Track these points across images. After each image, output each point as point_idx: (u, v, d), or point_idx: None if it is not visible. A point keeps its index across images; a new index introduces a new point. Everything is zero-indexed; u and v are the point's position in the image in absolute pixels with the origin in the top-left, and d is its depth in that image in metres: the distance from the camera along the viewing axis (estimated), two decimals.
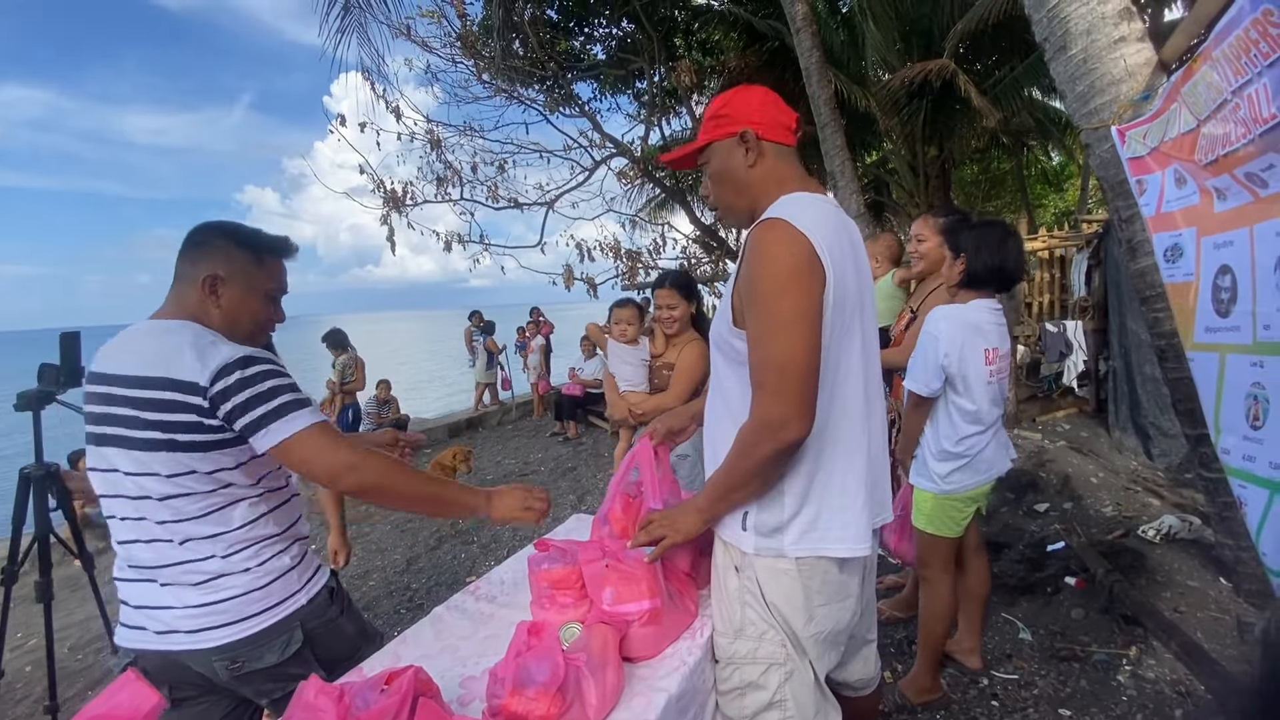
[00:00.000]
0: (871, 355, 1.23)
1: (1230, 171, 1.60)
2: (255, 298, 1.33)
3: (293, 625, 1.31)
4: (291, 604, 1.31)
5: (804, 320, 1.05)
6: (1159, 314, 2.53)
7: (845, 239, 1.16)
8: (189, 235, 1.31)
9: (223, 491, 1.23)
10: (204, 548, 1.23)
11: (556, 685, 1.00)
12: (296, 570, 1.35)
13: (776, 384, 1.06)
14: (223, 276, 1.27)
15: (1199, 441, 2.52)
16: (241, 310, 1.31)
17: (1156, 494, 3.73)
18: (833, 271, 1.08)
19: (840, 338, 1.13)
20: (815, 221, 1.10)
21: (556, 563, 1.31)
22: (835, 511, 1.15)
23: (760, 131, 1.21)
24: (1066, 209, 16.37)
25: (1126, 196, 2.41)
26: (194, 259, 1.28)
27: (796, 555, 1.15)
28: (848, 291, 1.12)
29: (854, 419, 1.16)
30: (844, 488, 1.16)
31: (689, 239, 11.11)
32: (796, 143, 1.28)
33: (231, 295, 1.29)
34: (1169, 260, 2.08)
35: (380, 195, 8.66)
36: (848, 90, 8.18)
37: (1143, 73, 2.34)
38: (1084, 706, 2.11)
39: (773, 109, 1.25)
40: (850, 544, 1.16)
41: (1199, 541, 3.03)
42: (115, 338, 1.26)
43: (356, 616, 1.50)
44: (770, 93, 1.28)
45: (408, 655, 1.31)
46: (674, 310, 2.43)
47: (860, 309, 1.18)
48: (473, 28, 8.66)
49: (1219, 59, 1.56)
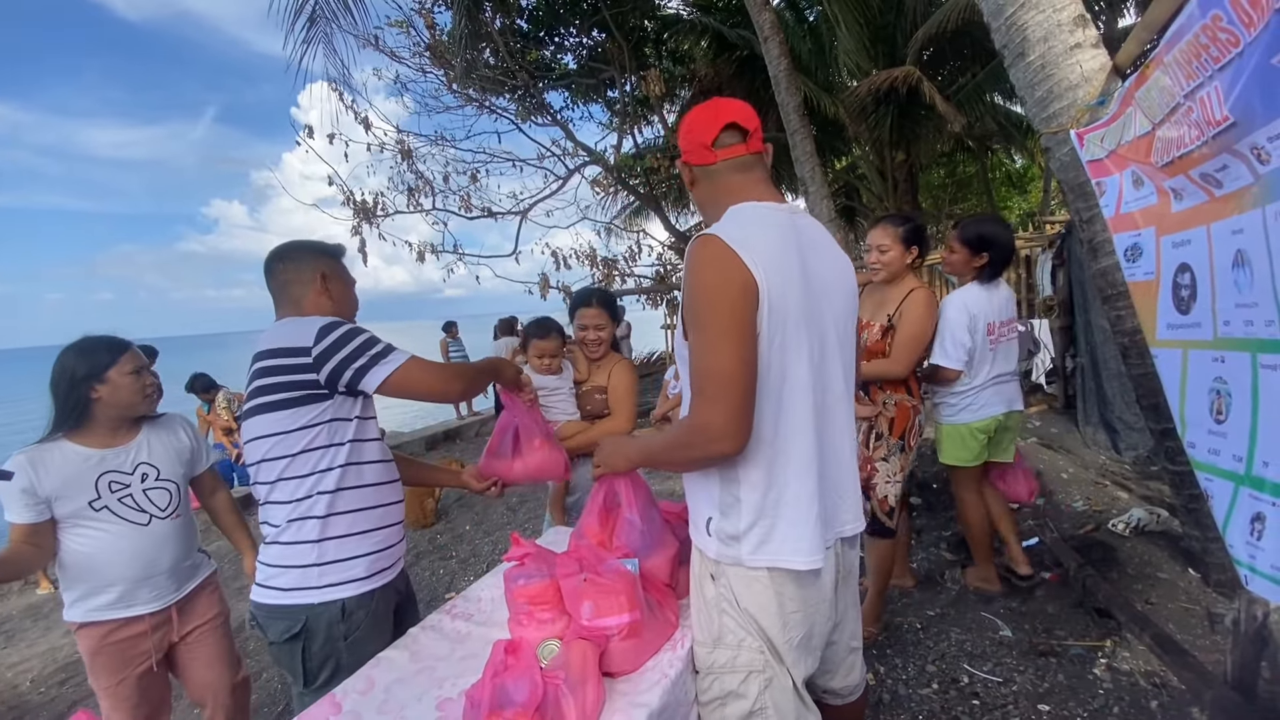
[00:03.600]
0: (829, 365, 1.20)
1: (1186, 173, 1.64)
2: (349, 289, 1.64)
3: (297, 615, 1.42)
4: (301, 596, 1.42)
5: (732, 336, 1.06)
6: (1121, 312, 2.59)
7: (794, 248, 1.14)
8: (274, 255, 1.57)
9: None
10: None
11: (535, 705, 0.97)
12: (317, 569, 1.43)
13: (713, 396, 1.07)
14: (328, 274, 1.56)
15: (1165, 435, 2.58)
16: (345, 299, 1.61)
17: (1125, 487, 3.81)
18: (768, 285, 1.07)
19: (784, 350, 1.11)
20: (752, 235, 1.10)
21: (533, 578, 1.29)
22: (789, 524, 1.14)
23: (688, 159, 1.28)
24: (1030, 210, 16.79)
25: (1087, 198, 2.47)
26: (295, 268, 1.54)
27: (751, 565, 1.15)
28: (790, 303, 1.10)
29: (804, 432, 1.14)
30: (797, 501, 1.14)
31: (664, 246, 11.15)
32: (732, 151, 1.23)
33: (335, 287, 1.58)
34: (1129, 259, 2.12)
35: (350, 207, 8.54)
36: (816, 97, 8.31)
37: (1098, 78, 2.40)
38: (1062, 701, 2.14)
39: (693, 132, 1.24)
40: (805, 556, 1.13)
41: (1167, 533, 3.10)
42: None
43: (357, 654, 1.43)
44: (695, 113, 1.26)
45: (382, 679, 1.27)
46: (601, 331, 2.32)
47: (809, 319, 1.14)
48: (442, 38, 8.61)
49: (1171, 64, 1.60)
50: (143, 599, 1.80)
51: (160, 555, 1.82)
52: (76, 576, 1.74)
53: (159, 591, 1.83)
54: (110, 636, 1.77)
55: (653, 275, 10.92)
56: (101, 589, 1.74)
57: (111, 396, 1.74)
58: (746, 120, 1.24)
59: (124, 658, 1.79)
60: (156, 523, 1.81)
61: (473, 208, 9.39)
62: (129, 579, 1.76)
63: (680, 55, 9.69)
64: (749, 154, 1.24)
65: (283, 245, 1.59)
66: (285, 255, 1.56)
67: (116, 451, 1.78)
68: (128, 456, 1.79)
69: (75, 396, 1.71)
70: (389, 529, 1.55)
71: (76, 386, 1.71)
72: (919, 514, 3.74)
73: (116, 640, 1.78)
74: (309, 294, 1.53)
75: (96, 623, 1.76)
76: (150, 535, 1.80)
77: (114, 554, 1.74)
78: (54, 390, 1.72)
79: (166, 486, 1.85)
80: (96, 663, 1.77)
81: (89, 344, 1.75)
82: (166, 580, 1.84)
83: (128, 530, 1.76)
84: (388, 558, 1.54)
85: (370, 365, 1.40)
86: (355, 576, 1.46)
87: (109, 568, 1.74)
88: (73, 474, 1.69)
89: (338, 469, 1.44)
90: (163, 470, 1.85)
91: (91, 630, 1.76)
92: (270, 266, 1.56)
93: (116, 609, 1.76)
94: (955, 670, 2.37)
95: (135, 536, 1.77)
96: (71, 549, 1.73)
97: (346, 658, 1.43)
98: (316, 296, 1.53)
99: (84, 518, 1.71)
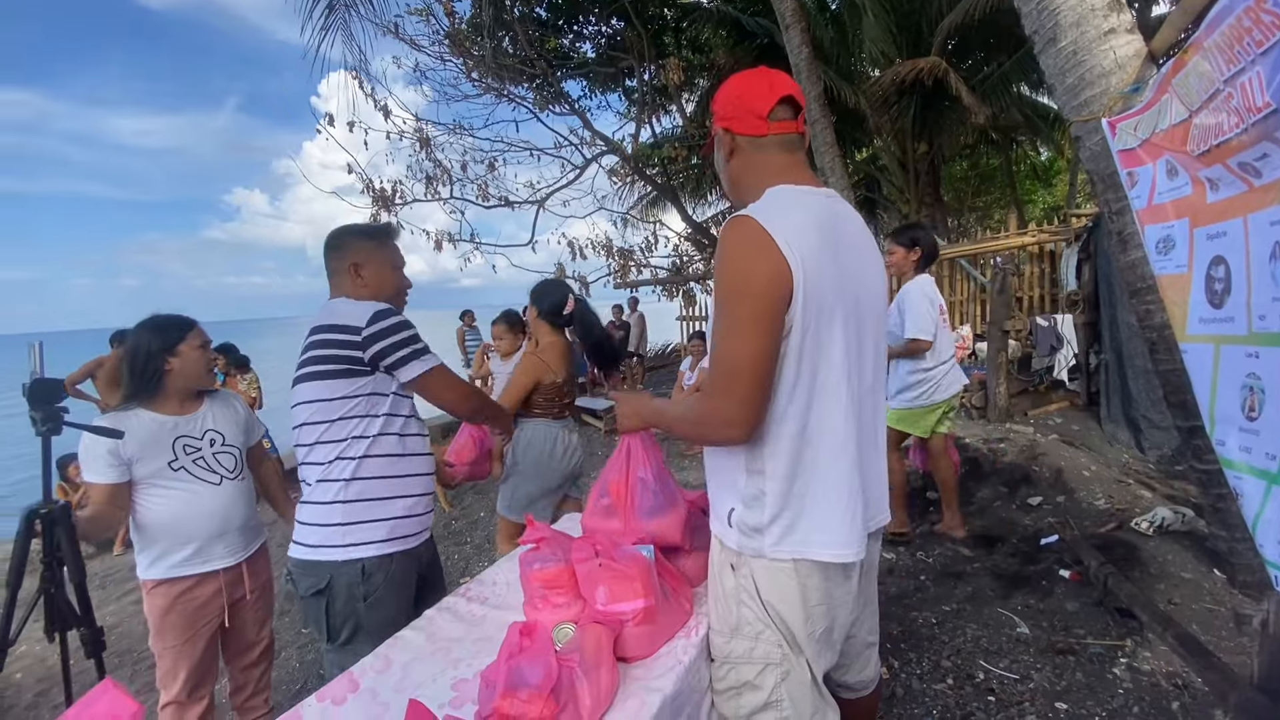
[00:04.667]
0: (864, 357, 1.16)
1: (1223, 161, 1.59)
2: (388, 270, 1.71)
3: (323, 572, 1.53)
4: (326, 553, 1.54)
5: (754, 325, 1.04)
6: (1150, 306, 2.53)
7: (830, 235, 1.10)
8: (327, 240, 1.71)
9: None
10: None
11: (550, 687, 0.97)
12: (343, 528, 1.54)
13: (726, 385, 1.06)
14: (360, 262, 1.66)
15: (1192, 434, 2.52)
16: (382, 282, 1.69)
17: (1149, 486, 3.74)
18: (803, 273, 1.03)
19: (818, 341, 1.08)
20: (791, 221, 1.06)
21: (549, 562, 1.29)
22: (816, 516, 1.11)
23: (731, 126, 1.20)
24: (1055, 204, 16.47)
25: (1117, 189, 2.41)
26: (338, 256, 1.67)
27: (775, 557, 1.13)
28: (826, 293, 1.06)
29: (837, 424, 1.11)
30: (825, 493, 1.11)
31: (681, 236, 11.08)
32: (785, 126, 1.18)
33: (369, 274, 1.67)
34: (1160, 252, 2.07)
35: (369, 195, 8.59)
36: (837, 87, 8.20)
37: (1133, 64, 2.34)
38: (1080, 700, 2.11)
39: (747, 97, 1.18)
40: (833, 549, 1.11)
41: (1192, 533, 3.04)
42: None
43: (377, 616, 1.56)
44: (743, 79, 1.21)
45: (399, 658, 1.29)
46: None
47: (845, 310, 1.10)
48: (461, 25, 8.60)
49: (1211, 48, 1.55)
50: (218, 555, 1.91)
51: (232, 513, 1.94)
52: (155, 535, 1.84)
53: (232, 548, 1.94)
54: (186, 594, 1.86)
55: (669, 266, 10.86)
56: (179, 546, 1.85)
57: (182, 368, 1.87)
58: (800, 97, 1.21)
59: (195, 615, 1.88)
60: (227, 483, 1.94)
61: (490, 197, 9.39)
62: (205, 535, 1.88)
63: (699, 44, 9.59)
64: (796, 133, 1.21)
65: (332, 234, 1.72)
66: (331, 245, 1.70)
67: (187, 419, 1.91)
68: (197, 423, 1.93)
69: (151, 368, 1.84)
70: (414, 499, 1.65)
71: (153, 359, 1.83)
72: (936, 510, 3.70)
73: (191, 597, 1.87)
74: (346, 283, 1.67)
75: (175, 579, 1.85)
76: (223, 494, 1.92)
77: (192, 511, 1.86)
78: (130, 363, 1.84)
79: (231, 451, 1.99)
80: (166, 621, 1.84)
81: (161, 321, 1.89)
82: (237, 537, 1.96)
83: (203, 489, 1.89)
84: (410, 525, 1.64)
85: (411, 359, 1.56)
86: (375, 539, 1.56)
87: (187, 525, 1.85)
88: (151, 437, 1.81)
89: (370, 438, 1.56)
90: (227, 436, 1.99)
91: (168, 587, 1.85)
92: (325, 253, 1.72)
93: (194, 564, 1.87)
94: (971, 666, 2.34)
95: (210, 495, 1.90)
96: (150, 508, 1.83)
97: (365, 618, 1.53)
98: (352, 286, 1.66)
99: (163, 478, 1.83)
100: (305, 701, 1.17)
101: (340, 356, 1.53)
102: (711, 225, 11.22)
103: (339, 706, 1.16)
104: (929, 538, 3.44)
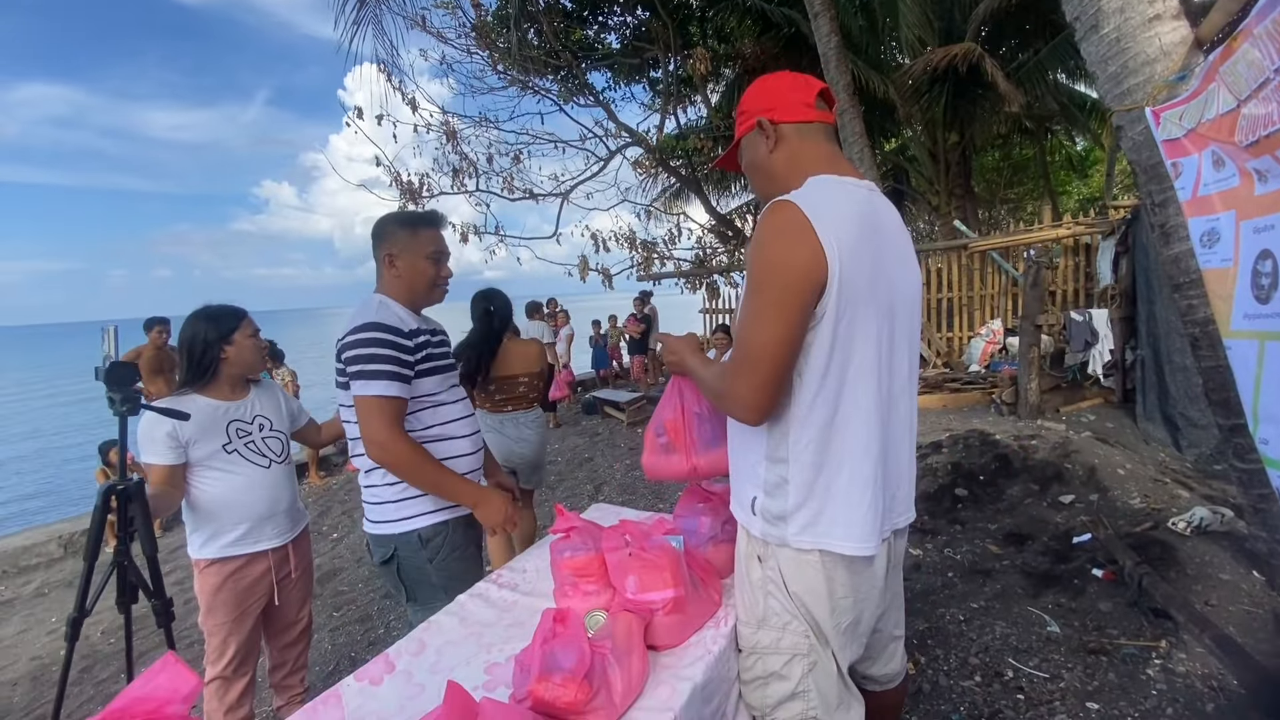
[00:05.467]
0: (897, 352, 1.16)
1: (1273, 153, 1.54)
2: (421, 260, 1.69)
3: (389, 544, 1.65)
4: (388, 527, 1.65)
5: (779, 312, 1.04)
6: (1193, 301, 2.46)
7: (870, 227, 1.10)
8: (373, 229, 1.72)
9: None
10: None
11: (583, 672, 0.99)
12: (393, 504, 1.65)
13: (744, 368, 1.08)
14: (394, 253, 1.66)
15: (1233, 432, 2.45)
16: (415, 273, 1.68)
17: (1186, 486, 3.65)
18: (840, 263, 1.02)
19: (851, 332, 1.07)
20: (833, 208, 1.06)
21: (579, 550, 1.31)
22: (840, 508, 1.11)
23: (774, 115, 1.20)
24: (1091, 196, 16.02)
25: (1160, 180, 2.34)
26: (377, 245, 1.69)
27: (799, 546, 1.13)
28: (861, 285, 1.06)
29: (866, 418, 1.10)
30: (850, 486, 1.11)
31: (704, 229, 11.03)
32: (828, 117, 1.23)
33: (404, 263, 1.67)
34: (1205, 245, 2.01)
35: (396, 187, 8.70)
36: (866, 76, 8.07)
37: (1178, 51, 2.26)
38: (1112, 700, 2.08)
39: (787, 90, 1.21)
40: (855, 542, 1.11)
41: (1231, 534, 2.96)
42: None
43: (445, 573, 1.67)
44: (785, 75, 1.25)
45: (433, 641, 1.32)
46: None
47: (879, 303, 1.10)
48: (487, 18, 8.64)
49: (1261, 36, 1.50)
50: (267, 535, 1.99)
51: (280, 495, 2.03)
52: (207, 516, 1.91)
53: (279, 529, 2.03)
54: (237, 572, 1.94)
55: (692, 259, 10.82)
56: (231, 526, 1.92)
57: (236, 356, 1.96)
58: (832, 96, 1.28)
59: (245, 593, 1.95)
60: (275, 466, 2.03)
61: (515, 189, 9.44)
62: (256, 516, 1.96)
63: (725, 33, 9.50)
64: (834, 126, 1.26)
65: (376, 222, 1.74)
66: (373, 233, 1.72)
67: (237, 404, 1.99)
68: (247, 409, 2.01)
69: (209, 356, 1.92)
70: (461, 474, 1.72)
71: (210, 347, 1.92)
72: (965, 506, 3.66)
73: (241, 576, 1.94)
74: (383, 274, 1.70)
75: (227, 558, 1.92)
76: (271, 477, 2.01)
77: (244, 493, 1.94)
78: (188, 351, 1.91)
79: (279, 436, 2.08)
80: (217, 600, 1.91)
81: (215, 311, 1.96)
82: (284, 519, 2.04)
83: (254, 472, 1.97)
84: None
85: (354, 378, 1.54)
86: (425, 510, 1.66)
87: (239, 506, 1.93)
88: (207, 421, 1.90)
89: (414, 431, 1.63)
90: (274, 422, 2.08)
91: (221, 566, 1.92)
92: (372, 243, 1.74)
93: (245, 544, 1.95)
94: (999, 664, 2.32)
95: (260, 478, 1.98)
96: (204, 490, 1.91)
97: (437, 577, 1.64)
98: (387, 277, 1.69)
99: (217, 460, 1.91)
100: (344, 681, 1.21)
101: (339, 370, 1.61)
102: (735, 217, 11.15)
103: (376, 686, 1.20)
104: (957, 535, 3.39)
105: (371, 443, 1.52)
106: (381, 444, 1.52)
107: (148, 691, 0.75)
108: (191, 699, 0.78)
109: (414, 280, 1.69)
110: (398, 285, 1.68)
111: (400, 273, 1.68)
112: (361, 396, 1.53)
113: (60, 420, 17.50)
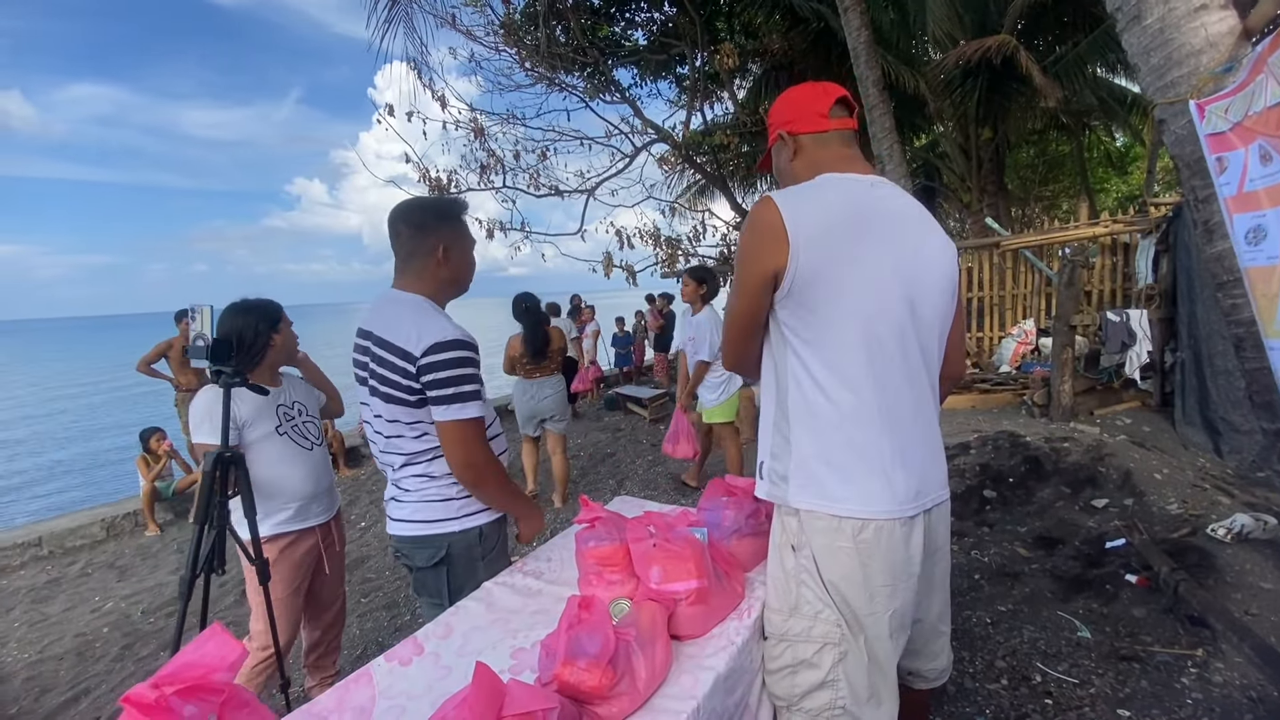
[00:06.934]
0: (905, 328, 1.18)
1: None
2: (470, 254, 1.65)
3: (440, 543, 1.57)
4: (443, 526, 1.57)
5: (741, 288, 1.23)
6: (1237, 300, 2.39)
7: (857, 216, 1.17)
8: (399, 214, 1.55)
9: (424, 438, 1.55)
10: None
11: (608, 658, 1.01)
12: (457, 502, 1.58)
13: (724, 330, 1.35)
14: (449, 245, 1.56)
15: (1277, 437, 2.37)
16: (465, 266, 1.63)
17: (1226, 492, 3.53)
18: (799, 249, 1.12)
19: (827, 304, 1.15)
20: (809, 202, 1.17)
21: (604, 540, 1.32)
22: (837, 469, 1.17)
23: (793, 128, 1.32)
24: (1130, 193, 15.55)
25: (1203, 175, 2.27)
26: (419, 237, 1.54)
27: (798, 506, 1.19)
28: (842, 267, 1.14)
29: (856, 386, 1.16)
30: (847, 449, 1.16)
31: (729, 226, 10.97)
32: (844, 123, 1.30)
33: (455, 256, 1.58)
34: (1250, 243, 1.95)
35: (425, 183, 8.81)
36: (896, 71, 7.94)
37: (1225, 42, 2.19)
38: (1145, 708, 2.03)
39: (805, 103, 1.31)
40: (852, 504, 1.15)
41: (1274, 542, 2.86)
42: (374, 301, 1.60)
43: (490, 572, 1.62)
44: (806, 87, 1.35)
45: (460, 626, 1.35)
46: None
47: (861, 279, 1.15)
48: (515, 15, 8.70)
49: None
50: (314, 513, 2.11)
51: (322, 475, 2.15)
52: (262, 495, 1.99)
53: (323, 507, 2.14)
54: (289, 547, 2.05)
55: (716, 256, 10.78)
56: (282, 505, 2.03)
57: (282, 343, 2.08)
58: (852, 101, 1.35)
59: (295, 567, 2.06)
60: (316, 449, 2.15)
61: (541, 185, 9.50)
62: (304, 495, 2.07)
63: (753, 29, 9.42)
64: (852, 130, 1.33)
65: (408, 205, 1.58)
66: (409, 219, 1.55)
67: (278, 391, 2.10)
68: (286, 396, 2.13)
69: (260, 343, 2.02)
70: None
71: (261, 334, 2.02)
72: (993, 508, 3.60)
73: (293, 550, 2.06)
74: (430, 266, 1.55)
75: (280, 535, 2.03)
76: (314, 458, 2.13)
77: (294, 473, 2.05)
78: (240, 340, 1.98)
79: (314, 420, 2.20)
80: (272, 574, 1.99)
81: (257, 303, 2.06)
82: (326, 498, 2.16)
83: (301, 453, 2.08)
84: None
85: (447, 401, 1.44)
86: (483, 507, 1.62)
87: (290, 485, 2.04)
88: (260, 404, 2.00)
89: None
90: (309, 408, 2.20)
91: (274, 542, 2.02)
92: (395, 227, 1.55)
93: (296, 522, 2.06)
94: (1027, 668, 2.28)
95: (306, 458, 2.09)
96: (259, 470, 1.98)
97: (485, 575, 1.59)
98: (436, 269, 1.55)
99: (270, 442, 2.02)
100: (375, 661, 1.24)
101: (403, 385, 1.46)
102: None
103: (405, 667, 1.22)
104: (985, 538, 3.34)
105: (470, 466, 1.48)
106: (479, 467, 1.49)
107: (198, 657, 0.79)
108: (236, 667, 0.81)
109: (462, 274, 1.62)
110: (439, 280, 1.57)
111: (454, 266, 1.58)
112: (457, 421, 1.44)
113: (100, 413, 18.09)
